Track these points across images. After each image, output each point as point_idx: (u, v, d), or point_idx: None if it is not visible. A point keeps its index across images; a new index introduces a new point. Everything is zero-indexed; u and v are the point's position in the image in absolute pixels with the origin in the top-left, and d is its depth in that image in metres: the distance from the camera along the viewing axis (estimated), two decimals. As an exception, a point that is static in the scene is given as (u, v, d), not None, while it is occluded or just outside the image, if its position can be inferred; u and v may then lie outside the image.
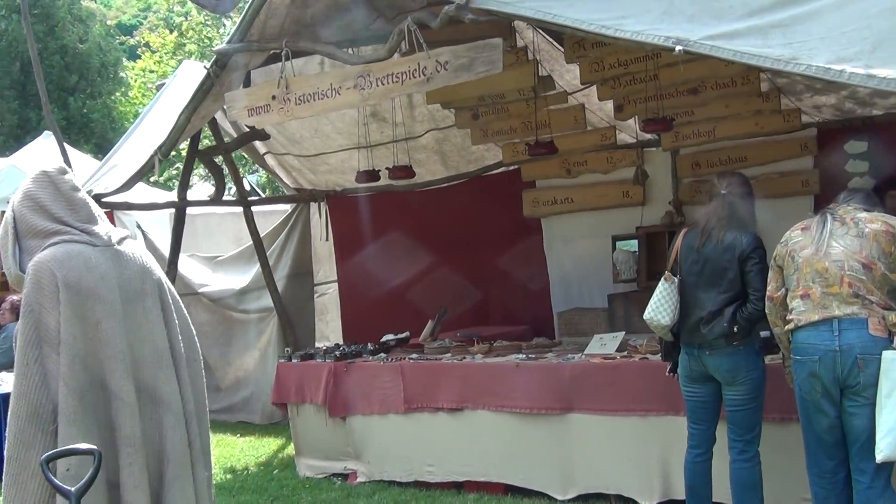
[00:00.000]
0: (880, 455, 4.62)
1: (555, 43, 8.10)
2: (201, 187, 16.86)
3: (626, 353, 6.91)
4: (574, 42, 7.66)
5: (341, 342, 9.70)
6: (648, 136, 8.73)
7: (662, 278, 5.68)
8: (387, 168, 9.19)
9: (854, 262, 4.79)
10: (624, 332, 7.42)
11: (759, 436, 5.53)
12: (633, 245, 9.13)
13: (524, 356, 7.31)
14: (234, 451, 9.69)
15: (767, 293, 5.18)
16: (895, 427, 4.58)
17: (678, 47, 5.18)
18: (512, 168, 9.89)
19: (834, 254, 4.85)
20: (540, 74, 8.00)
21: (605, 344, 7.10)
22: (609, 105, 8.57)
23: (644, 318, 5.68)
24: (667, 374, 5.95)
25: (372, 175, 9.21)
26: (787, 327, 5.04)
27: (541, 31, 7.82)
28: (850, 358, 4.71)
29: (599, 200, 9.37)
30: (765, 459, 5.56)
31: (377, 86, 6.55)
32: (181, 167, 12.42)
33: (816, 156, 8.22)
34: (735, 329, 5.39)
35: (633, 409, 6.54)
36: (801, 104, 8.00)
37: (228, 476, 8.63)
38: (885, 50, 4.73)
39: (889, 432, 4.59)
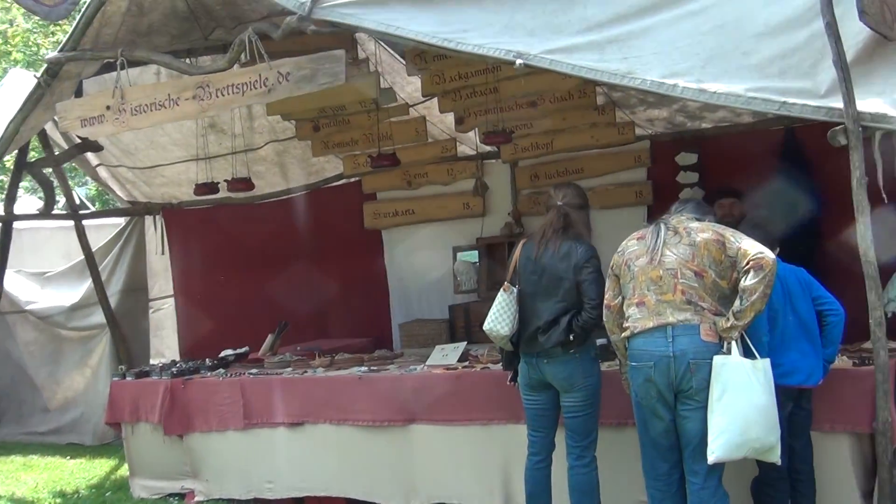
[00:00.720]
0: (712, 456, 4.78)
1: (396, 55, 8.13)
2: (27, 200, 16.22)
3: (467, 364, 6.96)
4: (416, 55, 7.71)
5: (178, 358, 9.49)
6: (488, 148, 8.85)
7: (501, 289, 5.73)
8: (225, 180, 9.06)
9: (686, 270, 4.94)
10: (465, 343, 7.48)
11: (595, 441, 5.64)
12: (474, 256, 9.23)
13: (366, 369, 7.28)
14: (63, 474, 9.33)
15: (605, 301, 5.30)
16: (726, 429, 4.74)
17: (518, 61, 5.27)
18: (353, 180, 9.89)
19: (667, 262, 5.00)
20: (382, 86, 8.01)
21: (446, 355, 7.13)
22: (450, 117, 8.66)
23: (484, 328, 5.72)
24: (508, 382, 6.01)
25: (210, 187, 9.06)
26: (623, 334, 5.16)
27: (382, 44, 7.85)
28: (683, 363, 4.85)
29: (440, 212, 9.44)
30: (602, 464, 5.67)
31: (217, 97, 6.44)
32: (5, 179, 11.94)
33: (650, 167, 8.49)
34: (571, 337, 5.48)
35: (474, 418, 6.58)
36: (634, 117, 8.25)
37: (58, 500, 8.31)
38: (715, 66, 4.92)
39: (720, 434, 4.75)
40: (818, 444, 5.54)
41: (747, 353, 4.84)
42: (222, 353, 8.64)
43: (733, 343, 4.83)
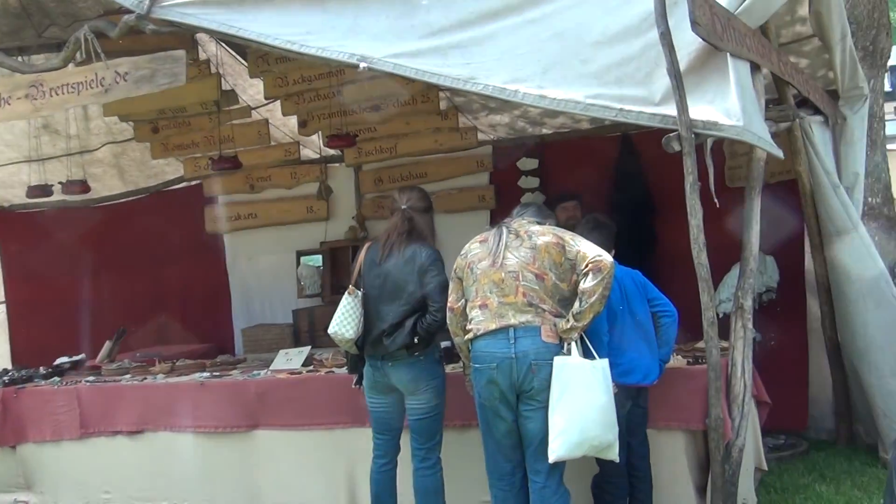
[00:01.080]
0: (553, 455, 4.88)
1: (238, 57, 8.04)
2: None
3: (312, 368, 6.93)
4: (258, 56, 7.64)
5: (10, 367, 9.13)
6: (332, 151, 8.83)
7: (346, 292, 5.73)
8: (60, 182, 8.77)
9: (528, 273, 5.03)
10: (310, 347, 7.45)
11: (440, 443, 5.68)
12: (318, 260, 9.20)
13: (208, 374, 7.16)
14: None
15: (448, 304, 5.34)
16: (566, 429, 4.85)
17: (362, 64, 5.26)
18: (194, 183, 9.71)
19: (509, 265, 5.07)
20: (223, 88, 7.89)
21: (290, 359, 7.08)
22: (293, 120, 8.62)
23: (329, 332, 5.70)
24: (353, 386, 6.00)
25: (44, 190, 8.76)
26: (466, 337, 5.21)
27: (224, 45, 7.74)
28: (524, 364, 4.94)
29: (283, 216, 9.38)
30: (446, 465, 5.71)
31: (51, 96, 6.22)
32: None
33: (492, 172, 8.62)
34: (416, 340, 5.50)
35: (319, 422, 6.55)
36: (477, 122, 8.37)
37: None
38: (555, 72, 5.01)
39: (560, 434, 4.86)
40: (654, 441, 5.73)
41: (587, 354, 4.95)
42: (57, 361, 8.34)
43: (573, 344, 4.93)
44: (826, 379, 7.60)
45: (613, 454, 4.96)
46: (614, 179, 8.14)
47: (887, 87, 12.65)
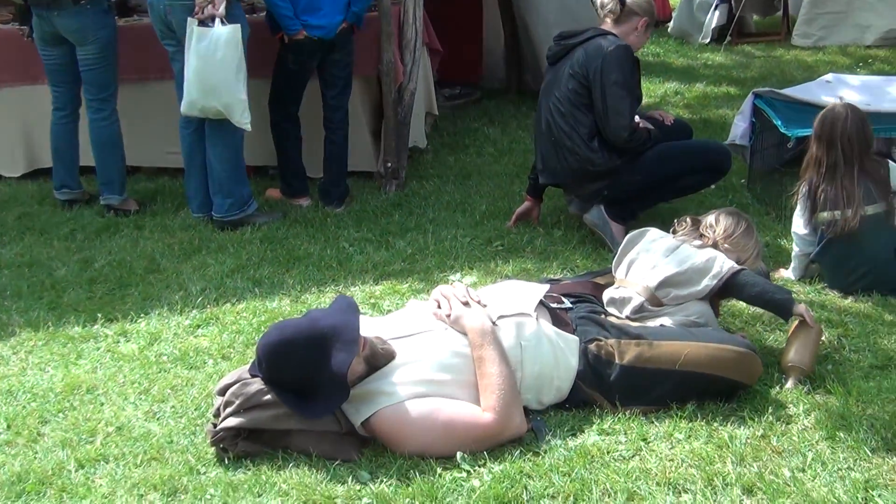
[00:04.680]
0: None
1: None
2: None
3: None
4: None
5: None
6: None
7: None
8: None
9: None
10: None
11: (114, 95, 5.58)
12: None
13: None
14: None
15: None
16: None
17: None
18: None
19: None
20: None
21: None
22: None
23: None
24: (25, 38, 5.73)
25: None
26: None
27: None
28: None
29: None
30: (125, 118, 5.68)
31: None
32: None
33: None
34: None
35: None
36: None
37: None
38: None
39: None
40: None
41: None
42: None
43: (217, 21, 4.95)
44: (499, 30, 7.93)
45: (235, 120, 5.09)
46: None
47: None
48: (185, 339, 3.98)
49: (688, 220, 3.77)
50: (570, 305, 3.46)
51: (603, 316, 3.47)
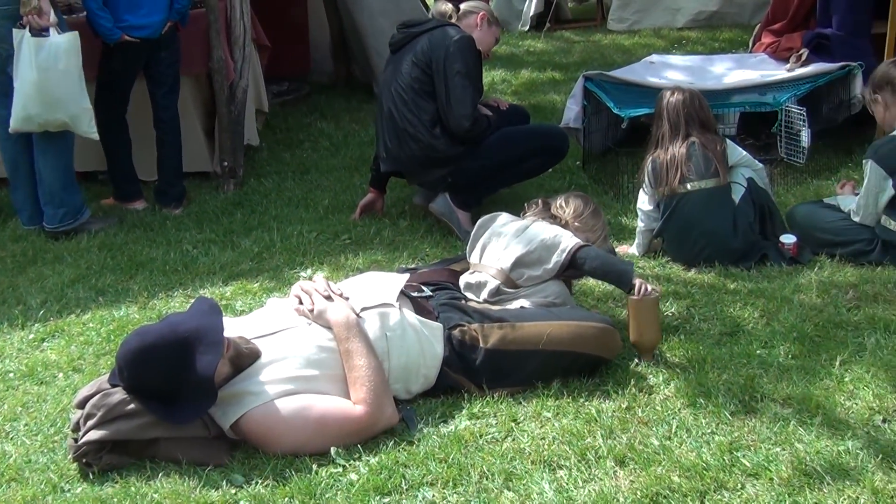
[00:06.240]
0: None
1: None
2: None
3: None
4: None
5: None
6: None
7: None
8: None
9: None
10: None
11: None
12: None
13: None
14: None
15: None
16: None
17: None
18: None
19: None
20: None
21: None
22: None
23: None
24: None
25: None
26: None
27: None
28: None
29: None
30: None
31: None
32: None
33: None
34: None
35: None
36: None
37: None
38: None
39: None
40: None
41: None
42: None
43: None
44: (324, 23, 7.87)
45: (82, 130, 4.93)
46: None
47: None
48: (30, 354, 3.80)
49: (539, 202, 3.84)
50: (430, 293, 3.48)
51: (463, 301, 3.50)
